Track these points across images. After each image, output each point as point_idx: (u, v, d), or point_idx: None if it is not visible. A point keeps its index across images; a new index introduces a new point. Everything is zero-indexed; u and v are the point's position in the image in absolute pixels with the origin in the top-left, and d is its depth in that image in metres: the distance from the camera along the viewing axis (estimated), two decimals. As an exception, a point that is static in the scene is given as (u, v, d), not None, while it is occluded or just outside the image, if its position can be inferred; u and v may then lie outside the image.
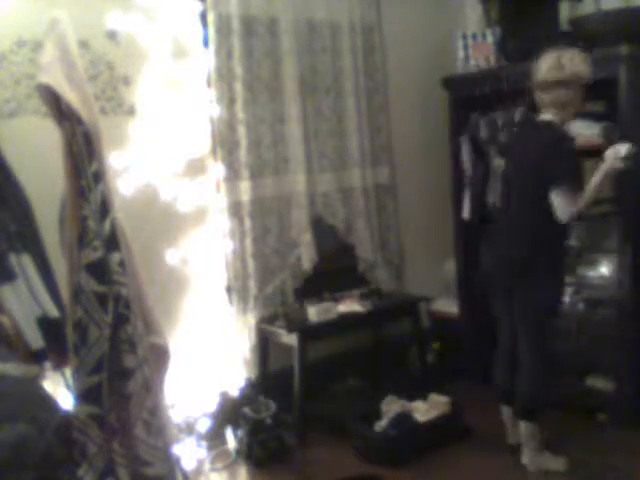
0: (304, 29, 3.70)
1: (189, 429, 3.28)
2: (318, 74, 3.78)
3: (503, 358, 3.05)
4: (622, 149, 2.64)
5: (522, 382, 2.91)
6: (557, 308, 2.94)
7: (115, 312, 2.12)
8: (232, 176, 3.50)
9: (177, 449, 2.64)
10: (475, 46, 3.81)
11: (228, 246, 3.52)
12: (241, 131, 3.49)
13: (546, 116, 2.84)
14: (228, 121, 3.47)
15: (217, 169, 3.48)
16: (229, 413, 3.40)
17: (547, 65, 2.80)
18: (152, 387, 2.22)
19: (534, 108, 3.00)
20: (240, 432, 3.26)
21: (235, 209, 3.52)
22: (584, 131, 3.35)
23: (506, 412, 3.06)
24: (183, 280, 3.41)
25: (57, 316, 2.46)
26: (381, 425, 3.22)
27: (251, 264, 3.56)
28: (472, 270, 3.66)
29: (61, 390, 2.50)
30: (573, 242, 3.48)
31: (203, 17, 3.41)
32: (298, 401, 3.38)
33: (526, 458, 2.95)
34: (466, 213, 3.90)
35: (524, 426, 2.91)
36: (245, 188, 3.53)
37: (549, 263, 2.80)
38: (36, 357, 2.43)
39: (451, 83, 3.92)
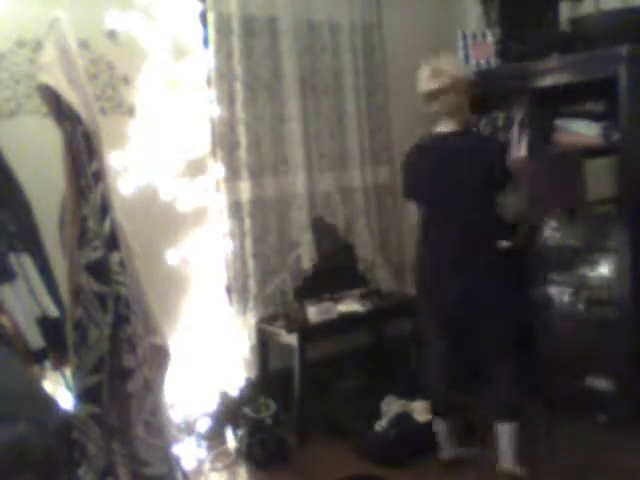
0: (304, 29, 3.70)
1: (189, 429, 3.28)
2: (318, 74, 3.78)
3: (450, 372, 2.95)
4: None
5: (503, 387, 2.83)
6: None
7: (115, 312, 2.13)
8: (232, 176, 3.50)
9: (177, 449, 2.64)
10: (475, 46, 3.82)
11: (228, 246, 3.52)
12: (241, 131, 3.49)
13: (446, 128, 2.85)
14: (228, 121, 3.47)
15: (217, 169, 3.48)
16: (229, 413, 3.40)
17: (425, 75, 2.85)
18: (152, 387, 2.22)
19: (536, 108, 3.02)
20: (240, 432, 3.26)
21: (235, 209, 3.52)
22: (584, 131, 3.36)
23: (443, 426, 2.98)
24: (183, 280, 3.41)
25: (57, 316, 2.46)
26: (381, 425, 3.22)
27: (251, 264, 3.56)
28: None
29: (61, 390, 2.50)
30: (573, 242, 3.48)
31: (203, 17, 3.41)
32: (298, 401, 3.38)
33: (512, 464, 2.80)
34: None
35: (511, 428, 2.80)
36: (245, 188, 3.53)
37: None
38: (36, 357, 2.43)
39: (451, 83, 3.91)
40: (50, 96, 2.10)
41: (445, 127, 2.86)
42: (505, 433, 2.82)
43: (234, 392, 3.50)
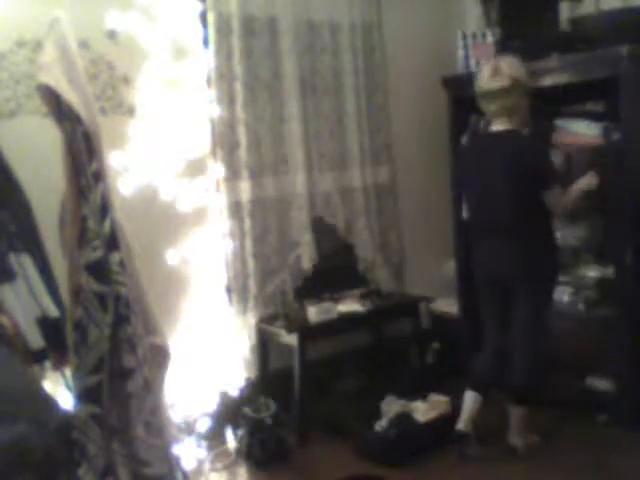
0: (304, 29, 3.70)
1: (189, 429, 3.28)
2: (318, 74, 3.78)
3: (492, 353, 3.16)
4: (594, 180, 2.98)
5: (520, 373, 3.04)
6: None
7: (115, 312, 2.12)
8: (232, 176, 3.50)
9: (177, 449, 2.64)
10: (475, 46, 3.81)
11: (228, 246, 3.52)
12: (241, 131, 3.49)
13: (500, 126, 2.96)
14: (228, 121, 3.47)
15: (217, 169, 3.48)
16: (229, 413, 3.40)
17: (487, 74, 2.93)
18: (152, 387, 2.22)
19: (534, 108, 3.03)
20: (240, 432, 3.26)
21: (235, 209, 3.52)
22: (584, 131, 3.36)
23: (475, 399, 3.08)
24: (183, 280, 3.41)
25: (57, 316, 2.46)
26: (381, 425, 3.22)
27: (251, 264, 3.56)
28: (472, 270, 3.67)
29: (61, 390, 2.50)
30: (573, 242, 3.47)
31: (203, 17, 3.41)
32: (298, 401, 3.38)
33: (516, 439, 3.10)
34: (465, 213, 3.89)
35: (519, 411, 3.07)
36: (245, 188, 3.53)
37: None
38: (36, 357, 2.43)
39: (451, 83, 3.92)
40: (50, 96, 2.10)
41: (499, 126, 2.97)
42: (513, 414, 3.09)
43: (234, 392, 3.50)
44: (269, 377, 3.60)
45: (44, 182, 2.50)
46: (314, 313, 3.48)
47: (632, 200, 3.18)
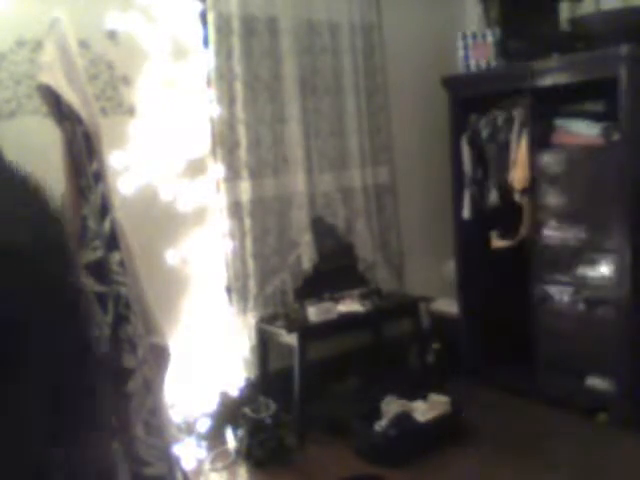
0: (304, 29, 3.70)
1: (189, 429, 3.28)
2: (318, 74, 3.79)
3: None
4: None
5: None
6: None
7: (115, 312, 2.12)
8: (232, 176, 3.50)
9: (177, 449, 2.63)
10: (475, 46, 3.81)
11: (228, 246, 3.53)
12: (241, 131, 3.50)
13: None
14: (228, 121, 3.47)
15: (217, 169, 3.48)
16: (229, 413, 3.40)
17: None
18: (152, 387, 2.22)
19: (536, 108, 3.03)
20: (240, 432, 3.26)
21: (235, 209, 3.53)
22: (584, 131, 3.36)
23: None
24: (183, 280, 3.41)
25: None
26: (381, 425, 3.22)
27: (251, 264, 3.56)
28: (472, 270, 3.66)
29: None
30: (573, 242, 3.48)
31: (203, 17, 3.41)
32: (298, 401, 3.38)
33: None
34: (466, 213, 3.90)
35: None
36: (245, 188, 3.53)
37: None
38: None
39: (451, 83, 3.92)
40: (50, 96, 2.10)
41: None
42: None
43: (234, 392, 3.50)
44: (269, 377, 3.60)
45: (44, 182, 2.50)
46: (314, 313, 3.48)
47: (632, 200, 3.18)
